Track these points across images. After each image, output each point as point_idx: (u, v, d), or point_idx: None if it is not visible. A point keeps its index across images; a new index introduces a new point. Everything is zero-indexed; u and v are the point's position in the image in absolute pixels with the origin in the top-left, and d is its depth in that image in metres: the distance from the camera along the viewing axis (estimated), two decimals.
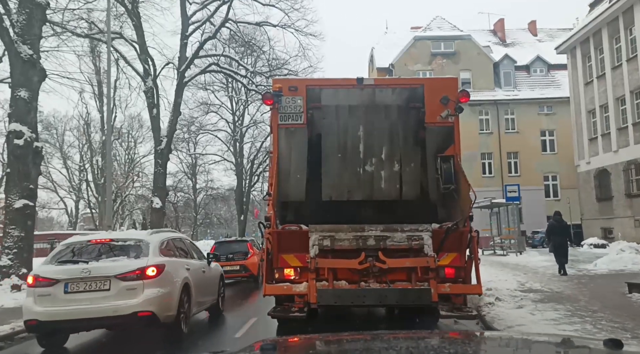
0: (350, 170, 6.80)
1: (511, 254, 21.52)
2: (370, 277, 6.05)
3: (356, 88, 6.86)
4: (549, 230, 13.75)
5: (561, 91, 36.33)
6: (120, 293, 6.47)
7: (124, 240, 7.28)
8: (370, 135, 6.81)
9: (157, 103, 22.82)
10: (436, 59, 37.97)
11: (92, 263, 6.70)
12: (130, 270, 6.58)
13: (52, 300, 6.49)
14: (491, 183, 35.75)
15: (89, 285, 6.52)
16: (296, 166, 6.69)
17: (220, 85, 44.21)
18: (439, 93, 6.82)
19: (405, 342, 2.28)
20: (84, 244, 7.19)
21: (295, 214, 6.71)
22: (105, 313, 6.41)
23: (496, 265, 16.60)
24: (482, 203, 24.21)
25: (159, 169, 22.31)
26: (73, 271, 6.62)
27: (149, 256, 6.81)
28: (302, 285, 6.04)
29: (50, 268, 6.79)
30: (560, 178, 36.49)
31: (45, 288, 6.54)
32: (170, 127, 22.92)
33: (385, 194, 6.81)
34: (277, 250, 6.25)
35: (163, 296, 6.66)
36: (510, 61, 38.03)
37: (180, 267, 7.42)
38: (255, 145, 47.64)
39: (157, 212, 22.10)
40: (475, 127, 36.86)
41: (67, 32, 18.12)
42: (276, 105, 6.63)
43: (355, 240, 6.10)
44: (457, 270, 6.32)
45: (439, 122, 6.80)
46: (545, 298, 8.28)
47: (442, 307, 6.03)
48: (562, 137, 35.68)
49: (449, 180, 6.52)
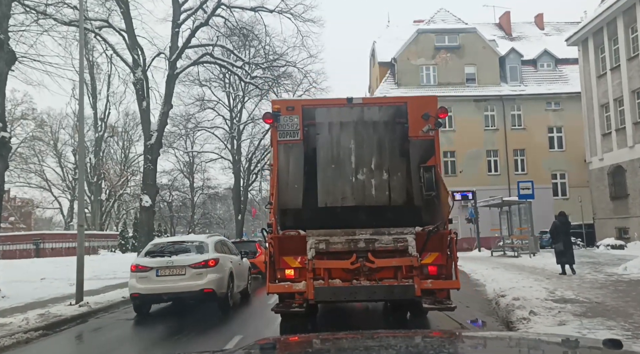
0: (343, 179, 7.54)
1: (523, 255, 20.22)
2: (361, 276, 6.74)
3: (346, 106, 7.61)
4: (553, 230, 13.54)
5: (569, 86, 35.45)
6: (192, 276, 9.53)
7: (192, 241, 10.56)
8: (361, 148, 7.56)
9: (147, 95, 21.52)
10: (440, 53, 36.74)
11: (173, 256, 9.81)
12: (198, 261, 9.68)
13: (148, 281, 9.55)
14: (497, 181, 34.56)
15: (171, 271, 9.62)
16: (294, 177, 7.48)
17: (217, 81, 42.99)
18: (421, 110, 7.52)
19: (404, 341, 2.35)
20: (165, 244, 10.55)
21: (294, 220, 7.35)
22: (182, 289, 9.47)
23: (511, 268, 15.33)
24: (492, 202, 22.97)
25: (148, 165, 21.00)
26: (161, 261, 9.73)
27: (209, 252, 9.98)
28: (301, 284, 6.76)
29: (145, 260, 9.91)
30: (569, 176, 35.29)
31: (143, 273, 9.60)
32: (160, 121, 21.60)
33: (375, 200, 7.50)
34: (279, 252, 6.97)
35: (219, 279, 9.77)
36: (516, 55, 36.80)
37: (227, 260, 10.54)
38: (253, 142, 46.33)
39: (147, 211, 20.80)
40: (480, 123, 35.71)
41: (48, 17, 16.83)
42: (275, 124, 7.42)
43: (347, 243, 6.82)
44: (439, 267, 6.97)
45: (421, 136, 7.47)
46: (588, 311, 6.99)
47: (425, 301, 6.71)
48: (570, 134, 34.68)
49: (430, 187, 7.15)
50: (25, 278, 16.39)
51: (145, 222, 21.04)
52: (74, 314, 9.41)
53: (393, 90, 36.34)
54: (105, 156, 48.32)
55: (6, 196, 66.46)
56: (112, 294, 12.24)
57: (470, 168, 34.76)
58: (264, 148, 45.67)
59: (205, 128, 44.42)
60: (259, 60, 25.93)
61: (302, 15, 22.18)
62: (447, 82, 36.15)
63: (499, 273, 13.25)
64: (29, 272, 18.28)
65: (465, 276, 14.81)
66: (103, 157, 47.61)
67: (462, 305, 9.42)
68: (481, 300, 9.99)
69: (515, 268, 15.43)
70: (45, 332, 8.14)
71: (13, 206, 68.87)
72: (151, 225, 21.61)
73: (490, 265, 16.51)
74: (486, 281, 11.92)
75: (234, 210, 46.60)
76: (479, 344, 2.35)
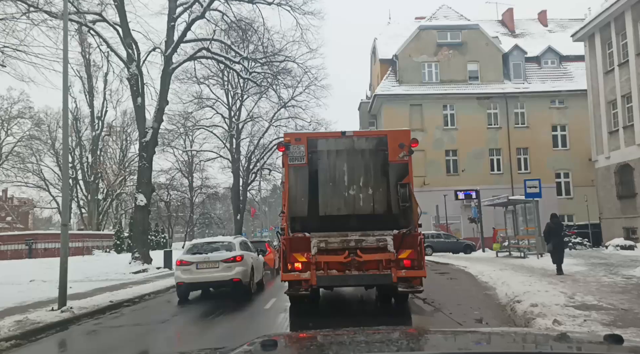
0: (339, 194, 9.42)
1: (530, 256, 19.54)
2: (351, 267, 8.67)
3: (341, 138, 9.59)
4: (547, 231, 14.28)
5: (574, 83, 34.90)
6: (224, 269, 11.86)
7: (222, 242, 13.13)
8: (352, 170, 9.45)
9: (142, 91, 20.89)
10: (442, 50, 36.10)
11: (209, 253, 12.22)
12: (228, 257, 12.05)
13: (190, 272, 11.88)
14: (500, 181, 33.89)
15: (208, 264, 11.95)
16: (301, 192, 9.37)
17: (215, 78, 42.31)
18: (398, 140, 9.33)
19: (403, 337, 2.47)
20: (202, 244, 13.24)
21: (301, 225, 9.16)
22: (216, 279, 11.90)
23: (520, 269, 14.67)
24: (497, 201, 22.29)
25: (143, 163, 20.35)
26: (200, 257, 12.08)
27: (236, 250, 12.45)
28: (306, 273, 8.67)
29: (187, 256, 12.33)
30: (573, 175, 34.65)
31: (186, 266, 11.96)
32: (156, 118, 20.94)
33: (363, 210, 9.36)
34: (289, 250, 8.91)
35: (244, 271, 12.14)
36: (520, 52, 36.15)
37: (249, 256, 12.92)
38: (252, 141, 45.65)
39: (142, 210, 20.14)
40: (483, 121, 35.10)
41: (38, 10, 16.14)
42: (286, 152, 9.32)
43: (342, 243, 8.76)
44: (412, 261, 8.81)
45: (398, 160, 9.28)
46: (617, 320, 6.32)
47: (401, 285, 8.69)
48: (574, 132, 34.16)
49: (405, 200, 9.03)
50: (13, 280, 15.74)
51: (140, 221, 20.39)
52: (54, 321, 8.67)
53: (394, 88, 35.70)
54: (102, 155, 47.59)
55: (3, 196, 65.88)
56: (99, 298, 11.55)
57: (473, 167, 34.13)
58: (263, 147, 44.98)
59: (204, 127, 43.75)
60: (258, 55, 25.24)
61: (301, 8, 21.57)
62: (449, 79, 35.53)
63: (508, 275, 12.53)
64: (18, 274, 17.64)
65: (471, 278, 14.16)
66: (101, 155, 46.90)
67: (471, 311, 8.78)
68: (493, 306, 9.33)
69: (525, 269, 14.77)
70: (18, 342, 7.43)
71: (10, 206, 68.13)
72: (146, 224, 20.97)
73: (497, 266, 15.86)
74: (496, 284, 11.36)
75: (233, 210, 45.91)
76: (482, 339, 2.39)
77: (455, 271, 16.65)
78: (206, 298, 12.43)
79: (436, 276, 14.64)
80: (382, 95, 35.44)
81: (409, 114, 34.74)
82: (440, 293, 11.01)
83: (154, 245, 33.97)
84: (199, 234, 76.63)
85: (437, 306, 9.54)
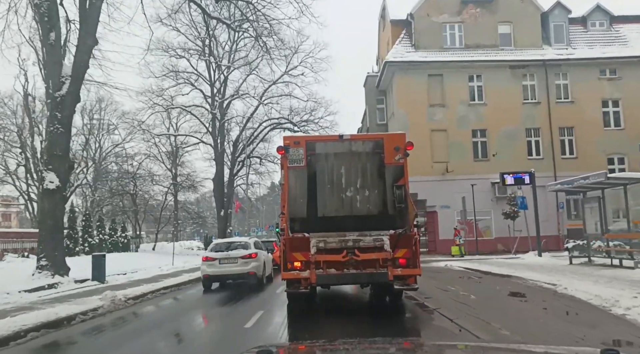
0: (336, 195, 10.04)
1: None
2: (349, 266, 9.25)
3: (339, 141, 10.14)
4: None
5: (628, 49, 29.44)
6: (242, 264, 15.10)
7: (240, 241, 16.65)
8: (349, 172, 10.07)
9: (57, 21, 14.32)
10: (467, 8, 29.84)
11: (229, 251, 15.50)
12: (245, 254, 15.34)
13: (214, 267, 15.13)
14: (540, 167, 27.35)
15: (229, 260, 15.19)
16: (300, 194, 10.00)
17: (195, 49, 35.84)
18: (394, 144, 9.98)
19: (401, 350, 2.53)
20: (223, 243, 16.75)
21: (301, 226, 9.78)
22: (236, 272, 15.11)
23: (634, 284, 8.69)
24: (581, 182, 15.50)
25: (56, 127, 13.88)
26: (222, 254, 15.38)
27: (251, 248, 15.76)
28: (306, 272, 9.27)
29: (212, 253, 15.65)
30: (629, 160, 28.47)
31: (210, 261, 15.21)
32: (77, 62, 14.38)
33: (360, 211, 9.94)
34: (290, 250, 9.49)
35: (258, 265, 15.42)
36: (562, 11, 30.15)
37: (262, 254, 16.30)
38: (239, 124, 39.11)
39: (52, 196, 13.63)
40: (517, 95, 29.07)
41: None
42: (286, 154, 9.95)
43: (340, 242, 9.29)
44: (408, 260, 9.32)
45: (393, 163, 9.91)
46: None
47: (397, 283, 9.23)
48: (630, 108, 28.59)
49: (400, 201, 9.65)
50: None
51: (49, 213, 13.84)
52: None
53: (409, 54, 29.36)
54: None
55: None
56: None
57: (507, 150, 27.95)
58: (252, 131, 38.51)
59: (181, 106, 37.23)
60: None
61: None
62: (476, 44, 29.43)
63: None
64: None
65: (553, 295, 7.72)
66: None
67: None
68: None
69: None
70: None
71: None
72: (59, 217, 14.35)
73: (591, 278, 10.94)
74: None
75: (216, 205, 39.34)
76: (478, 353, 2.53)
77: (540, 292, 10.32)
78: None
79: (524, 307, 8.21)
80: (394, 62, 29.01)
81: (427, 86, 28.67)
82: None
83: (108, 247, 27.48)
84: (192, 234, 69.98)
85: None
